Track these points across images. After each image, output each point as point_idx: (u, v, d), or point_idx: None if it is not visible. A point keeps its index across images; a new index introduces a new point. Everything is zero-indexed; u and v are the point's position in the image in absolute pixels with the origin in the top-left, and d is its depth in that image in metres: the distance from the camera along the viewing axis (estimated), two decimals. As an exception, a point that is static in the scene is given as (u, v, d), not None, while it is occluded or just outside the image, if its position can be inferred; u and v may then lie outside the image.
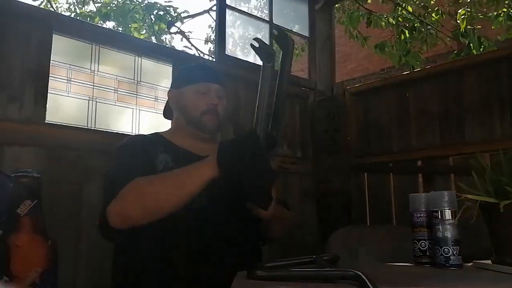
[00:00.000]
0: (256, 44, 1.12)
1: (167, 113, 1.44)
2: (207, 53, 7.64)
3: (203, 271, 1.13)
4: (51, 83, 1.62)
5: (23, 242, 1.18)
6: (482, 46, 4.06)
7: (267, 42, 2.67)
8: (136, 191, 1.07)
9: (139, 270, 1.14)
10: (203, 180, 1.05)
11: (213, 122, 1.30)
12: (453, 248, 0.94)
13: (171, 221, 1.08)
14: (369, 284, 0.67)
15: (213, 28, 7.45)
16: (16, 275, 1.24)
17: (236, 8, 2.46)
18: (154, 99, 1.94)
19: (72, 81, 1.71)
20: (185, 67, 1.43)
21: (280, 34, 1.18)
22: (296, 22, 2.97)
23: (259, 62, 1.18)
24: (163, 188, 1.07)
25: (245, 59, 2.52)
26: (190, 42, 6.91)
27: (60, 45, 1.68)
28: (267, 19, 2.64)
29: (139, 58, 1.92)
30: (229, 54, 2.34)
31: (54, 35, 1.64)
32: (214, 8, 5.25)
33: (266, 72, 1.11)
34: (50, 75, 1.62)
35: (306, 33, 2.84)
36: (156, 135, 1.34)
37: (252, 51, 1.16)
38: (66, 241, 1.53)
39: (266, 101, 1.09)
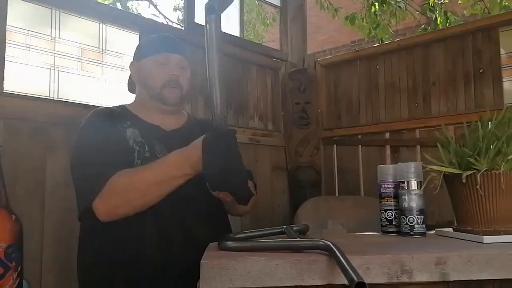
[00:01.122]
0: None
1: (131, 87, 1.39)
2: (176, 22, 7.41)
3: (174, 248, 1.12)
4: (8, 50, 1.53)
5: (-16, 217, 1.13)
6: (449, 21, 4.13)
7: (237, 10, 2.60)
8: (124, 189, 1.05)
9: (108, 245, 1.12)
10: (186, 177, 1.06)
11: (175, 94, 1.26)
12: (417, 217, 0.97)
13: None
14: (338, 254, 0.68)
15: (182, -4, 7.19)
16: (-22, 251, 1.19)
17: (205, -26, 2.38)
18: (120, 69, 1.87)
19: (31, 48, 1.62)
20: (145, 38, 1.39)
21: None
22: (268, -9, 2.90)
23: (230, 31, 1.12)
24: (150, 184, 1.06)
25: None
26: (157, 10, 6.67)
27: (16, 9, 1.57)
28: (238, -13, 2.57)
29: (104, 26, 1.84)
30: (199, 23, 2.27)
31: (9, -2, 1.53)
32: (183, -26, 5.05)
33: (210, 27, 0.90)
34: (6, 41, 1.52)
35: (278, 3, 2.78)
36: (122, 107, 1.30)
37: (222, 19, 1.08)
38: (30, 215, 1.48)
39: (216, 65, 0.91)
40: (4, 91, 1.49)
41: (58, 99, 1.66)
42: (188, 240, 1.13)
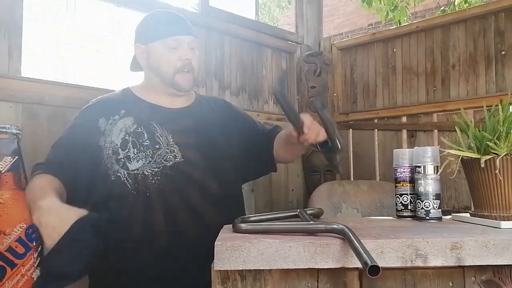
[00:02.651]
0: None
1: (134, 67, 1.32)
2: (192, 6, 7.36)
3: (182, 232, 1.12)
4: (25, 36, 1.54)
5: (6, 198, 1.16)
6: (468, 2, 4.01)
7: None
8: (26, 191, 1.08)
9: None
10: None
11: (189, 80, 1.22)
12: (433, 202, 0.96)
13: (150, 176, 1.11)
14: (352, 237, 0.68)
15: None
16: (1, 231, 1.23)
17: (220, -44, 2.34)
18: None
19: (48, 32, 1.63)
20: (149, 18, 1.26)
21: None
22: (283, -27, 2.85)
23: (244, 14, 1.11)
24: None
25: (230, 11, 2.43)
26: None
27: (33, -7, 1.58)
28: (253, -31, 2.52)
29: (119, 8, 1.84)
30: (213, 6, 2.25)
31: (26, -18, 1.54)
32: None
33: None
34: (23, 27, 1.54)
35: (293, -15, 2.73)
36: (124, 91, 1.27)
37: (237, 2, 1.09)
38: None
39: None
40: (22, 75, 1.52)
41: (74, 84, 1.68)
42: (197, 223, 1.13)
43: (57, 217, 0.92)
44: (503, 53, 2.03)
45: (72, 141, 1.17)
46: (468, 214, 0.98)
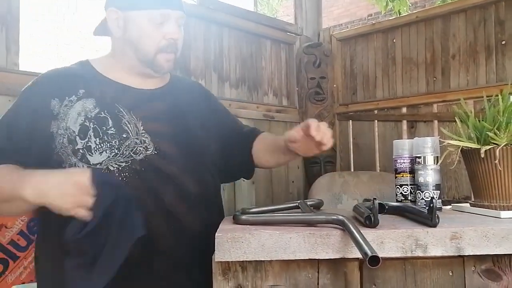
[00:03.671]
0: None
1: (100, 31, 1.10)
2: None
3: (154, 237, 0.95)
4: (26, 36, 1.54)
5: (6, 192, 1.17)
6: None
7: None
8: None
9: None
10: (20, 206, 0.89)
11: (170, 61, 1.04)
12: (434, 192, 0.97)
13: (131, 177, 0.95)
14: (352, 228, 0.68)
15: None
16: (3, 224, 1.24)
17: None
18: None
19: (48, 32, 1.62)
20: None
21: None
22: (282, -37, 2.83)
23: (243, 5, 1.08)
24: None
25: (229, 3, 2.41)
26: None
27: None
28: (251, -41, 2.50)
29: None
30: (212, -3, 2.23)
31: (22, -25, 1.53)
32: None
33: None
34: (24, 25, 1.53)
35: (292, -25, 2.71)
36: (84, 67, 1.06)
37: None
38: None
39: None
40: (20, 69, 1.51)
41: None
42: (173, 228, 0.97)
43: (59, 177, 0.81)
44: (503, 42, 2.02)
45: (15, 125, 0.97)
46: (468, 204, 0.99)
